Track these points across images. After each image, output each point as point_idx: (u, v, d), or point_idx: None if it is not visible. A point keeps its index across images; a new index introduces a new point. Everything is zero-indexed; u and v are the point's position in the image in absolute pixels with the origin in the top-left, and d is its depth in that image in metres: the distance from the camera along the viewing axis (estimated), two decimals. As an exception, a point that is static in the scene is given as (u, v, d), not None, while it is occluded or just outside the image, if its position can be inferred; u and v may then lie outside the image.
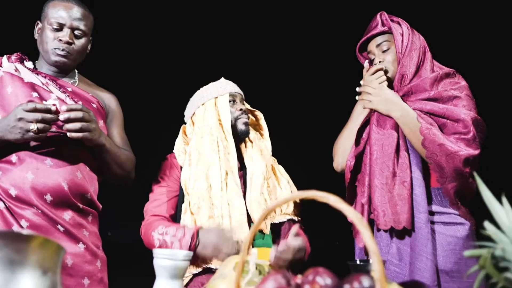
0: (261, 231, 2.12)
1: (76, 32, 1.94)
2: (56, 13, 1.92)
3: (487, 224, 0.98)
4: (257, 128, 2.40)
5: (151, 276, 1.29)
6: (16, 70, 1.93)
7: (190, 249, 1.85)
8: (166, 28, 3.31)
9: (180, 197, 2.13)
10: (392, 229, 1.87)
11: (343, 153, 2.09)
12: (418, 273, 1.77)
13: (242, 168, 2.21)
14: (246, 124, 2.23)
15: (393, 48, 2.01)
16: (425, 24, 2.24)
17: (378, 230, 1.93)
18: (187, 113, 2.33)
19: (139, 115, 3.02)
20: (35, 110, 1.72)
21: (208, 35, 3.38)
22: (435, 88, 1.93)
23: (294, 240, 1.80)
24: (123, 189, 2.16)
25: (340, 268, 1.17)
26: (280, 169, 2.36)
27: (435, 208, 1.87)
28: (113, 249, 2.29)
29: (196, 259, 1.94)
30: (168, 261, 1.25)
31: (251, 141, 2.31)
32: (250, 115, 2.36)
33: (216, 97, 2.24)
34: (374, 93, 1.95)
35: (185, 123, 2.34)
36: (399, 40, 1.99)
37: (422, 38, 2.05)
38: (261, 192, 2.12)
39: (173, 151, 2.28)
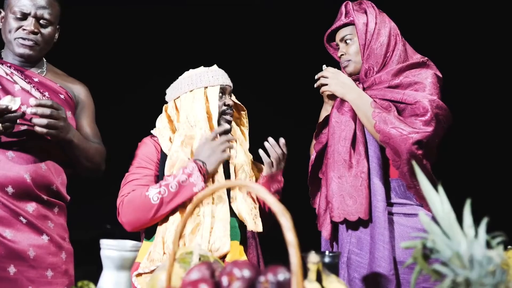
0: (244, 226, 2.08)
1: (41, 21, 1.90)
2: (19, 1, 1.87)
3: (421, 214, 0.95)
4: (239, 122, 2.36)
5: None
6: None
7: (202, 174, 1.95)
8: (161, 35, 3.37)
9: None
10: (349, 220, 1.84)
11: None
12: (376, 262, 1.76)
13: (224, 162, 2.17)
14: (229, 122, 2.18)
15: (355, 39, 1.98)
16: (408, 15, 2.18)
17: None
18: (171, 93, 2.22)
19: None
20: None
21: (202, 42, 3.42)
22: (397, 78, 1.90)
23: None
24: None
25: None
26: (259, 166, 2.33)
27: (395, 199, 1.86)
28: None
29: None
30: (114, 251, 1.22)
31: (232, 136, 2.28)
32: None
33: (206, 87, 2.18)
34: (331, 76, 1.98)
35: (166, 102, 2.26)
36: (362, 31, 1.94)
37: (394, 25, 1.97)
38: None
39: (153, 132, 2.20)
